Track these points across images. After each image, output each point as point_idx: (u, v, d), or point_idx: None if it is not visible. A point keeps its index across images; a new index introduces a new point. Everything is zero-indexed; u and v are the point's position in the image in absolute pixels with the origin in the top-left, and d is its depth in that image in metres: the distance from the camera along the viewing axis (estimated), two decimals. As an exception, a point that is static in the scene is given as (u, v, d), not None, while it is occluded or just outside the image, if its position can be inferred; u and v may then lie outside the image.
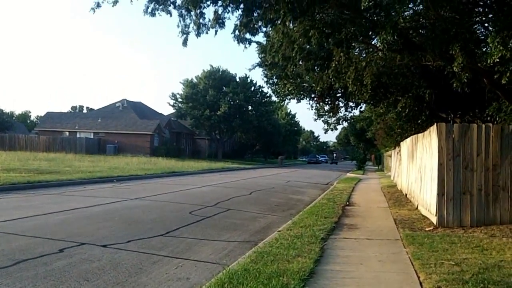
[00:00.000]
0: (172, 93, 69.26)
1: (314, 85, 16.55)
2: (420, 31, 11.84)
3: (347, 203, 15.32)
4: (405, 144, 19.09)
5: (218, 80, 67.26)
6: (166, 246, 8.11)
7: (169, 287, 5.85)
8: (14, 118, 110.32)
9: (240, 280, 5.52)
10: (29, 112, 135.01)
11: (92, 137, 60.23)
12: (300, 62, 12.97)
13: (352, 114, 26.44)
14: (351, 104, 21.85)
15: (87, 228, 9.46)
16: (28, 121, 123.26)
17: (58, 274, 6.09)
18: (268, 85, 21.22)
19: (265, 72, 19.78)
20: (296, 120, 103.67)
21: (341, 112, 22.77)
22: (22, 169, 24.29)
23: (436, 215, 10.14)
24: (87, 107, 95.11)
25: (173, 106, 70.51)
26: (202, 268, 6.82)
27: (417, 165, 14.17)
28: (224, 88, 66.99)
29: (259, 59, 18.98)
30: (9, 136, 59.58)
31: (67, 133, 61.82)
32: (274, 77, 19.48)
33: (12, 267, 6.34)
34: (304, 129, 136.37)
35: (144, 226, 9.97)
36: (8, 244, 7.65)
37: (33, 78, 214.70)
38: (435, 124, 10.48)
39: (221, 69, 69.00)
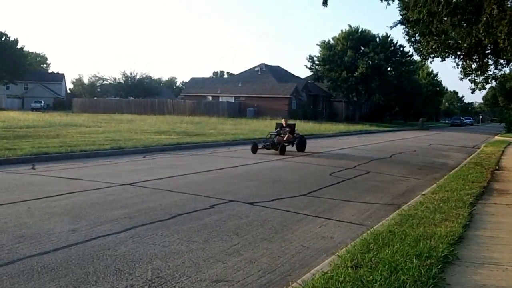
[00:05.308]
0: (309, 56, 69.23)
1: (460, 41, 15.50)
2: None
3: (496, 167, 14.39)
4: None
5: (356, 40, 65.46)
6: (308, 206, 8.32)
7: (314, 244, 6.00)
8: (161, 84, 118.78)
9: (385, 241, 5.49)
10: (175, 78, 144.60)
11: (233, 101, 62.74)
12: (446, 18, 12.22)
13: (502, 73, 24.38)
14: (501, 61, 20.27)
15: (233, 186, 10.02)
16: (174, 87, 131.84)
17: (210, 228, 6.54)
18: (410, 43, 20.27)
19: (407, 29, 18.89)
20: (439, 80, 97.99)
21: (490, 70, 21.28)
22: (171, 131, 26.20)
23: None
24: (227, 72, 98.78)
25: (310, 68, 70.54)
26: (345, 228, 6.90)
27: None
28: (363, 48, 65.02)
29: (401, 16, 18.18)
30: (158, 101, 64.37)
31: (210, 98, 65.04)
32: (417, 35, 18.52)
33: (169, 220, 6.93)
34: (447, 89, 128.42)
35: (287, 186, 10.29)
36: (164, 199, 8.37)
37: (178, 46, 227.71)
38: None
39: (360, 29, 66.99)
